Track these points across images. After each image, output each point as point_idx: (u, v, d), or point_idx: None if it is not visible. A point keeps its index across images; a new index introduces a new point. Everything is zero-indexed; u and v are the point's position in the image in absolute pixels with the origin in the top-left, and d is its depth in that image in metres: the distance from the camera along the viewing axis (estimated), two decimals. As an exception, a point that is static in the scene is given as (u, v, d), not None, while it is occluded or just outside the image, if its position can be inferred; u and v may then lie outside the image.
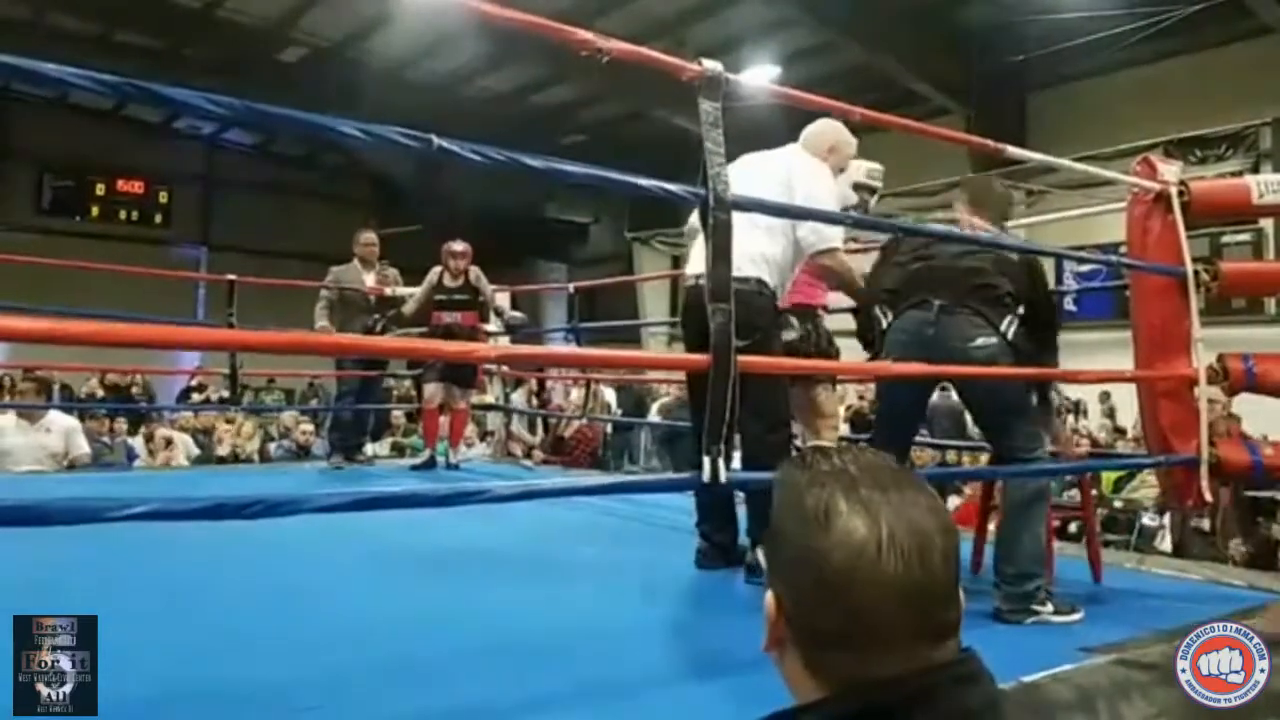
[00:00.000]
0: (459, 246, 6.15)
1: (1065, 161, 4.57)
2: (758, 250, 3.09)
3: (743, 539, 3.36)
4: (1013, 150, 2.98)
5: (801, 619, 0.82)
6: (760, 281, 3.10)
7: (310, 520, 1.80)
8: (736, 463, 2.85)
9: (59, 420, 6.03)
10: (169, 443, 7.30)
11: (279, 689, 2.02)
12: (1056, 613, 2.74)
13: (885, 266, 3.19)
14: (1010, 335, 2.87)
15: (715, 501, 3.32)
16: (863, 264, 3.51)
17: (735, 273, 3.02)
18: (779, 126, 3.80)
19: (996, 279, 2.91)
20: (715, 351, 2.19)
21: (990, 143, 3.06)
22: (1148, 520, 5.84)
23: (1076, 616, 2.77)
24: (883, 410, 3.41)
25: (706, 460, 2.17)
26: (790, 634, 0.82)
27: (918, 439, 4.22)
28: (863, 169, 3.71)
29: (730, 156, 2.26)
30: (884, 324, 3.08)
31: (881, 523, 0.80)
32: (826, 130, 3.40)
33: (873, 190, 3.80)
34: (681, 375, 4.96)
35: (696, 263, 3.17)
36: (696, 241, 3.26)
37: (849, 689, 0.79)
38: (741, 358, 2.25)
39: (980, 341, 2.85)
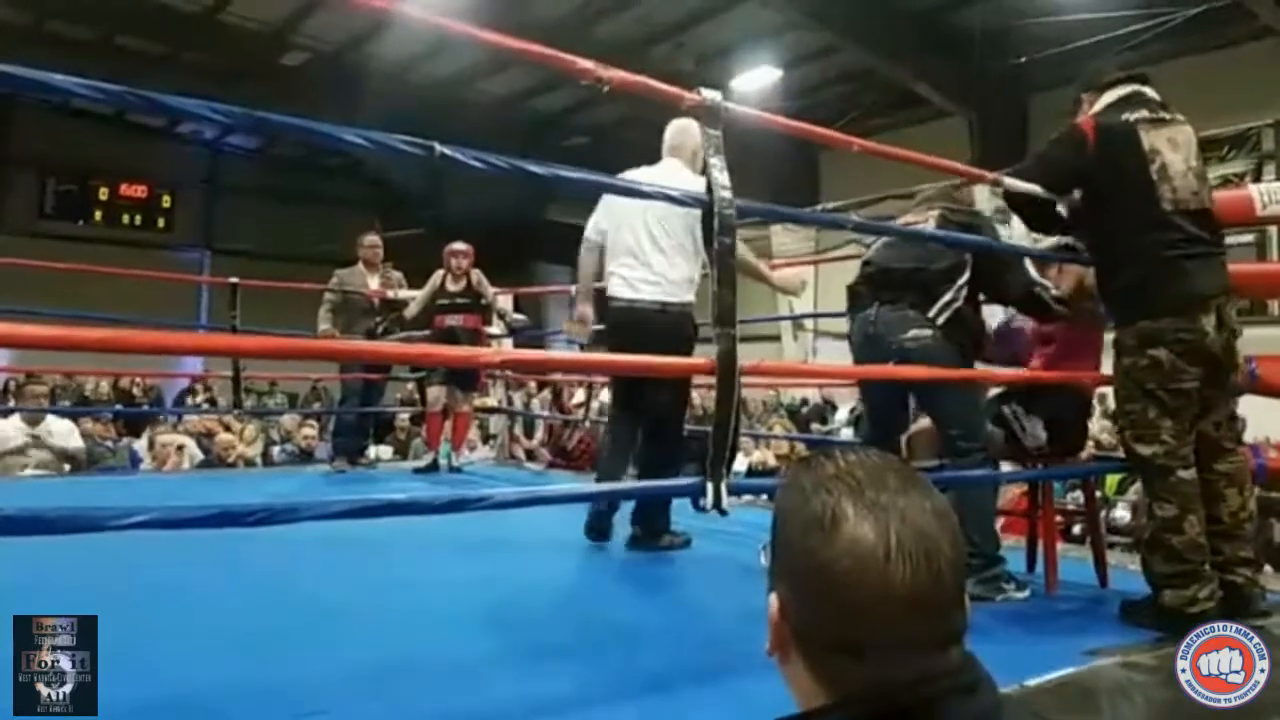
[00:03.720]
0: (460, 246, 6.17)
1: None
2: (686, 275, 3.58)
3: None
4: (1009, 182, 2.97)
5: (805, 624, 0.80)
6: (689, 304, 3.58)
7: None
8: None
9: (56, 423, 6.06)
10: (181, 448, 7.31)
11: (281, 691, 2.03)
12: (1018, 589, 2.98)
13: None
14: (944, 319, 2.98)
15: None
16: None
17: (673, 299, 3.57)
18: (777, 130, 3.80)
19: (929, 263, 3.03)
20: (721, 376, 2.19)
21: (988, 174, 3.03)
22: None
23: (1026, 594, 2.99)
24: (866, 411, 3.57)
25: (710, 486, 2.19)
26: (794, 638, 0.81)
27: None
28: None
29: (730, 158, 2.26)
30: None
31: (889, 529, 0.78)
32: (689, 140, 3.55)
33: None
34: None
35: (631, 285, 3.60)
36: (620, 262, 3.65)
37: (851, 698, 0.78)
38: (748, 364, 2.27)
39: (913, 333, 2.98)
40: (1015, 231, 3.54)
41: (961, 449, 2.98)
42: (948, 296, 2.99)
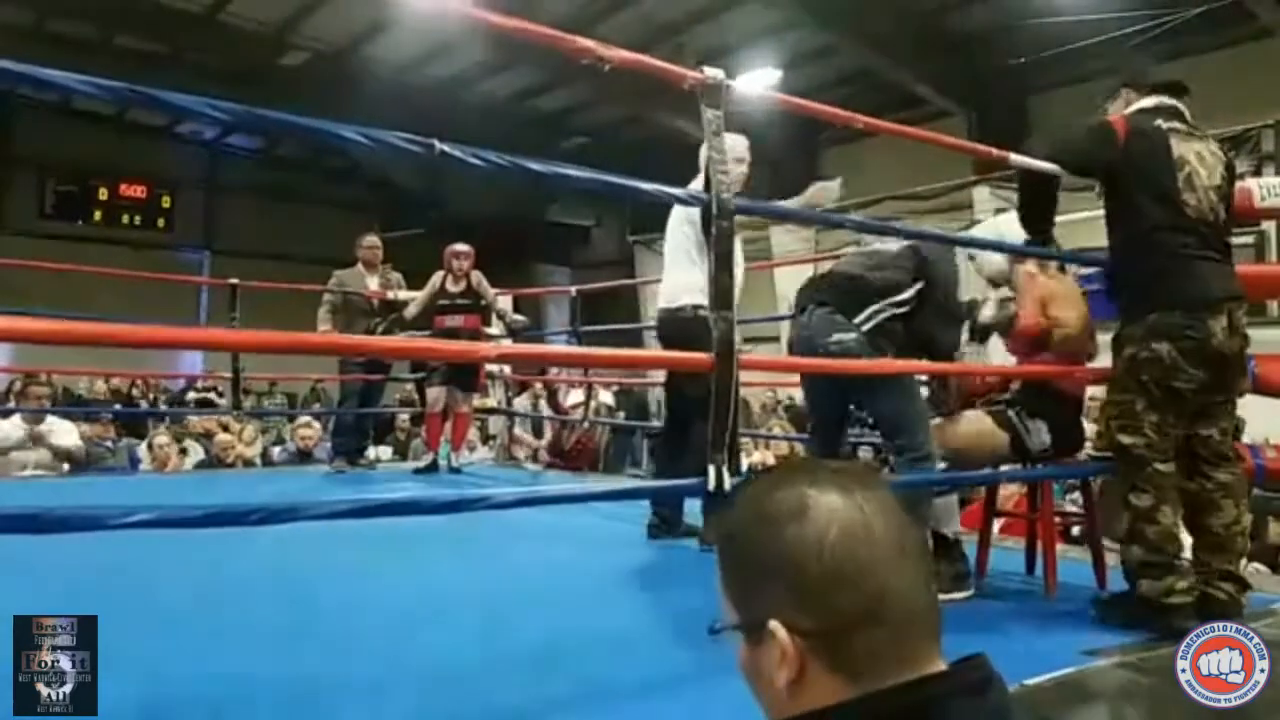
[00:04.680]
0: (462, 247, 6.19)
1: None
2: (687, 278, 3.69)
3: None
4: (1015, 158, 2.99)
5: (819, 615, 0.79)
6: (695, 306, 3.64)
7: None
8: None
9: (57, 424, 6.07)
10: (184, 451, 7.31)
11: (281, 690, 2.03)
12: (942, 591, 2.92)
13: None
14: (869, 326, 2.98)
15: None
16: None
17: (669, 304, 3.78)
18: (779, 129, 3.81)
19: (871, 273, 3.07)
20: (718, 359, 2.19)
21: (994, 150, 3.06)
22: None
23: (963, 595, 2.99)
24: (811, 422, 3.59)
25: (711, 468, 2.18)
26: (808, 645, 0.80)
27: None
28: None
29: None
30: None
31: (854, 494, 0.82)
32: (704, 148, 3.57)
33: None
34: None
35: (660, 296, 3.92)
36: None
37: (853, 700, 0.78)
38: (743, 357, 2.28)
39: (836, 337, 2.98)
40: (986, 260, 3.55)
41: (897, 447, 3.00)
42: (876, 307, 3.02)
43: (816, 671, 0.80)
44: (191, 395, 11.67)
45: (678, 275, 3.84)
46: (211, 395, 11.51)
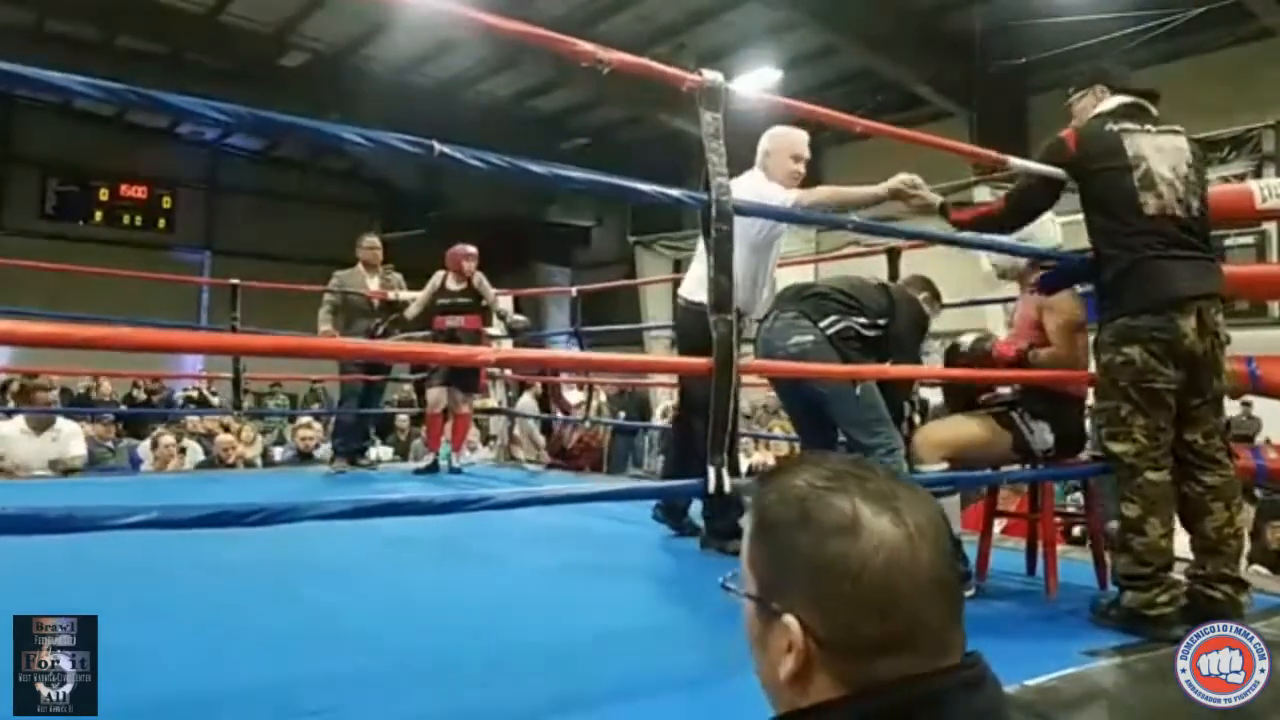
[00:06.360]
0: (471, 249, 6.18)
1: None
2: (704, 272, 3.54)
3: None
4: (1014, 161, 3.00)
5: (839, 633, 0.79)
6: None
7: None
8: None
9: (64, 426, 6.06)
10: (183, 451, 7.31)
11: (281, 690, 2.03)
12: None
13: None
14: (832, 331, 3.04)
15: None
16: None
17: (687, 296, 3.64)
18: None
19: (845, 294, 3.15)
20: (717, 362, 2.20)
21: (993, 153, 3.07)
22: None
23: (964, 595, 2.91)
24: (791, 420, 3.66)
25: (711, 470, 2.18)
26: (822, 654, 0.79)
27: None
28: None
29: (731, 160, 2.26)
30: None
31: (904, 517, 0.80)
32: (762, 140, 3.66)
33: None
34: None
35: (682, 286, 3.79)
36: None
37: (858, 693, 0.78)
38: (742, 363, 2.27)
39: (795, 339, 3.04)
40: None
41: (866, 447, 3.01)
42: (841, 317, 3.09)
43: (820, 672, 0.79)
44: (180, 394, 11.65)
45: (698, 268, 3.70)
46: (196, 394, 11.47)
